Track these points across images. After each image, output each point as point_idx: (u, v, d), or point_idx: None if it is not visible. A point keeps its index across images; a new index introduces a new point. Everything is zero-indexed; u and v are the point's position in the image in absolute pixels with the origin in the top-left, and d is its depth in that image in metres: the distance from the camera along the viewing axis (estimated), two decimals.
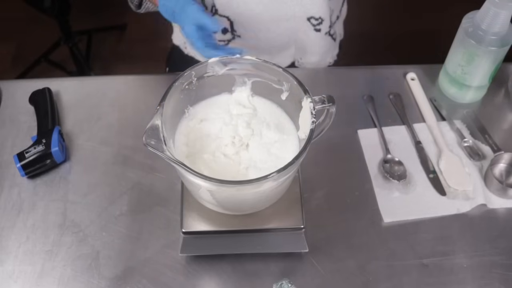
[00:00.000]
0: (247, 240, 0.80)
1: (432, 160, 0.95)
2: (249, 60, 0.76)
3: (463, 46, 0.96)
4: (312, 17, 1.06)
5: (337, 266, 0.82)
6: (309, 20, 1.06)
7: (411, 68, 1.09)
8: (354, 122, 1.00)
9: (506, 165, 0.94)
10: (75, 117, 1.00)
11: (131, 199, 0.89)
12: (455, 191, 0.91)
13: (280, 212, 0.78)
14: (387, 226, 0.87)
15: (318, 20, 1.07)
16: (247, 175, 0.73)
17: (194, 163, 0.74)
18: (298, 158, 0.67)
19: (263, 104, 0.81)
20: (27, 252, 0.83)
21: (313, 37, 1.10)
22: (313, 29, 1.08)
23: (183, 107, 0.79)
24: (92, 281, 0.80)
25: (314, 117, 0.69)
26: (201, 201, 0.76)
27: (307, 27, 1.08)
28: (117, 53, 2.42)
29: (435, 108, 1.03)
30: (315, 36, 1.10)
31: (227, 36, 1.08)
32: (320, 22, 1.07)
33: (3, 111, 1.01)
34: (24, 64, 2.25)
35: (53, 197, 0.89)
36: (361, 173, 0.93)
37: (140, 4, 1.04)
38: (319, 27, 1.08)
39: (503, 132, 1.00)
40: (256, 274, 0.81)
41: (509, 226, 0.87)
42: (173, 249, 0.83)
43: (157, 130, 0.65)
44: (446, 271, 0.82)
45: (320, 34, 1.10)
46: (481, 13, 0.92)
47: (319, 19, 1.06)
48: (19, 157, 0.89)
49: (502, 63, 0.98)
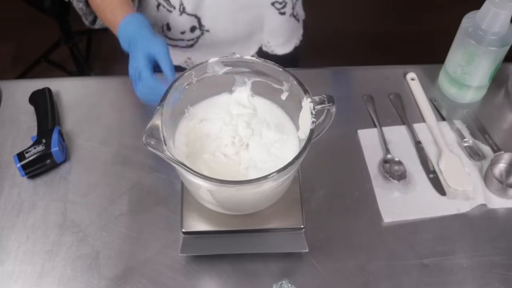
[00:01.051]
0: (247, 240, 0.80)
1: (432, 160, 0.95)
2: (249, 60, 0.76)
3: (463, 46, 0.96)
4: (276, 1, 1.08)
5: (337, 266, 0.82)
6: (273, 4, 1.08)
7: (411, 68, 1.09)
8: (354, 122, 1.00)
9: (506, 165, 0.94)
10: (75, 117, 1.00)
11: (131, 199, 0.89)
12: (455, 191, 0.91)
13: (280, 212, 0.78)
14: (387, 226, 0.87)
15: (282, 3, 1.09)
16: (247, 175, 0.73)
17: (194, 163, 0.74)
18: (298, 158, 0.67)
19: (263, 104, 0.81)
20: (27, 252, 0.83)
21: (278, 21, 1.12)
22: (278, 13, 1.10)
23: (183, 107, 0.79)
24: (92, 281, 0.80)
25: (314, 117, 0.69)
26: (201, 201, 0.76)
27: (272, 12, 1.10)
28: (117, 53, 2.41)
29: (435, 108, 1.03)
30: (280, 19, 1.12)
31: (196, 33, 1.09)
32: (284, 5, 1.09)
33: (3, 111, 1.01)
34: (24, 64, 2.25)
35: (53, 197, 0.89)
36: (361, 173, 0.93)
37: (94, 20, 1.06)
38: (283, 10, 1.10)
39: (503, 132, 1.00)
40: (256, 274, 0.81)
41: (509, 226, 0.87)
42: (173, 249, 0.83)
43: (157, 130, 0.65)
44: (446, 271, 0.82)
45: (285, 17, 1.12)
46: (481, 13, 0.92)
47: (283, 3, 1.09)
48: (19, 157, 0.89)
49: (502, 63, 0.98)
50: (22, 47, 2.41)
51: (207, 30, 1.08)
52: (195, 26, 1.07)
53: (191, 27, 1.07)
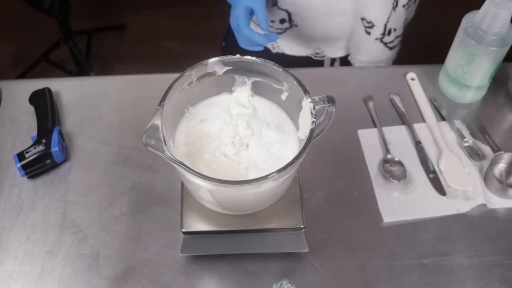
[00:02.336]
0: (247, 240, 0.80)
1: (432, 160, 0.95)
2: (249, 60, 0.76)
3: (463, 46, 0.96)
4: (364, 19, 1.08)
5: (337, 266, 0.82)
6: (362, 20, 1.09)
7: (411, 68, 1.09)
8: (354, 122, 1.00)
9: (506, 165, 0.94)
10: (75, 117, 1.00)
11: (131, 199, 0.89)
12: (455, 191, 0.91)
13: (280, 212, 0.78)
14: (387, 226, 0.87)
15: (369, 23, 1.08)
16: (247, 175, 0.73)
17: (194, 163, 0.74)
18: (298, 158, 0.67)
19: (263, 104, 0.81)
20: (27, 252, 0.83)
21: (364, 38, 1.12)
22: (364, 31, 1.10)
23: (183, 107, 0.79)
24: (92, 281, 0.80)
25: (314, 117, 0.69)
26: (201, 201, 0.76)
27: (359, 26, 1.10)
28: (117, 53, 2.42)
29: (435, 108, 1.03)
30: (365, 37, 1.11)
31: (284, 25, 1.12)
32: (370, 25, 1.09)
33: (3, 111, 1.01)
34: (24, 64, 2.25)
35: (53, 197, 0.89)
36: (361, 173, 0.93)
37: None
38: (369, 30, 1.10)
39: (503, 132, 1.00)
40: (256, 274, 0.81)
41: (509, 226, 0.87)
42: (173, 249, 0.83)
43: (157, 130, 0.65)
44: (446, 271, 0.82)
45: (370, 37, 1.11)
46: (481, 13, 0.92)
47: (370, 23, 1.08)
48: (19, 157, 0.89)
49: (502, 63, 0.98)
50: (22, 47, 2.41)
51: (296, 25, 1.11)
52: (284, 19, 1.11)
53: (281, 19, 1.11)
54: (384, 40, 1.12)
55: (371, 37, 1.11)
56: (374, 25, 1.09)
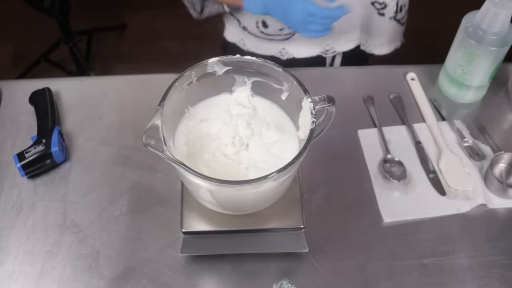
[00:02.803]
0: (247, 240, 0.80)
1: (432, 160, 0.95)
2: (249, 60, 0.76)
3: (463, 46, 0.96)
4: (376, 1, 1.09)
5: (337, 266, 0.82)
6: (373, 4, 1.09)
7: (411, 68, 1.09)
8: (354, 122, 1.00)
9: (506, 165, 0.94)
10: (75, 117, 1.00)
11: (131, 199, 0.89)
12: (455, 191, 0.91)
13: (280, 212, 0.78)
14: (387, 226, 0.87)
15: (382, 4, 1.09)
16: (247, 175, 0.73)
17: (194, 163, 0.74)
18: (298, 158, 0.67)
19: (263, 104, 0.81)
20: (27, 252, 0.83)
21: (377, 21, 1.13)
22: (377, 13, 1.11)
23: (183, 107, 0.79)
24: (92, 281, 0.80)
25: (314, 117, 0.69)
26: (201, 201, 0.76)
27: (371, 11, 1.11)
28: (117, 53, 2.42)
29: (435, 108, 1.03)
30: (379, 20, 1.12)
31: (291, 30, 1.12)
32: (383, 6, 1.10)
33: (3, 111, 1.01)
34: (24, 64, 2.25)
35: (53, 197, 0.89)
36: (361, 173, 0.93)
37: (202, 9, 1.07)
38: (382, 12, 1.11)
39: (503, 132, 1.00)
40: (256, 274, 0.81)
41: (509, 226, 0.87)
42: (173, 249, 0.83)
43: (157, 130, 0.65)
44: (446, 271, 0.82)
45: (384, 18, 1.12)
46: (481, 13, 0.92)
47: (383, 4, 1.09)
48: (19, 157, 0.89)
49: (502, 63, 0.98)
50: (22, 47, 2.41)
51: None
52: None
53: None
54: (397, 17, 1.14)
55: (385, 18, 1.12)
56: (387, 5, 1.10)
